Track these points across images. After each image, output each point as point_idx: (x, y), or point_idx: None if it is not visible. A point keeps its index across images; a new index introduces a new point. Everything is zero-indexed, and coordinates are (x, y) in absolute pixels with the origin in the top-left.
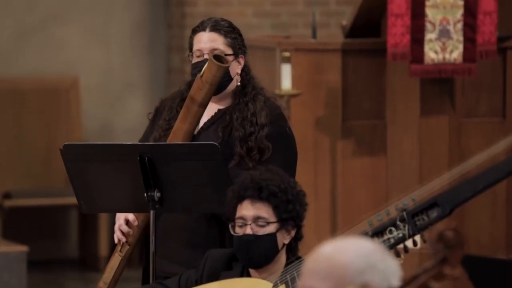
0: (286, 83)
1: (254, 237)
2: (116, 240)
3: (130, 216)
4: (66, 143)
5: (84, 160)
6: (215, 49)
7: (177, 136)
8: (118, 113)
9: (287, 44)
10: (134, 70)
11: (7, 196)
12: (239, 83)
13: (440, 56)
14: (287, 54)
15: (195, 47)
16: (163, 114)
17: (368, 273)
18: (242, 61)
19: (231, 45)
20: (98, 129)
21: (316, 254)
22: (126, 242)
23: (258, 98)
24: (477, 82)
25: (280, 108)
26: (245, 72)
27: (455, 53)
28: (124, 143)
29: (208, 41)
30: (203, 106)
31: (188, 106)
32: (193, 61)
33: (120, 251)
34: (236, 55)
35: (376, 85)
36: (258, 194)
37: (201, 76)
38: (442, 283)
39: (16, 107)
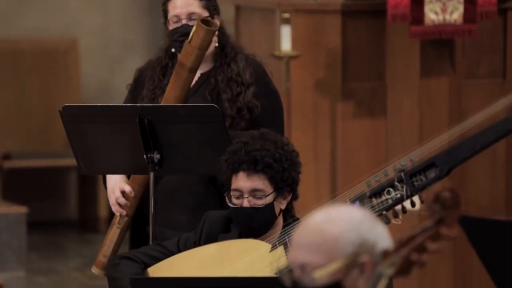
0: (285, 44)
1: (252, 210)
2: (115, 212)
3: (127, 188)
4: (65, 104)
5: (83, 122)
6: (191, 13)
7: (169, 103)
8: (117, 74)
9: (287, 5)
10: (133, 32)
11: (7, 157)
12: (217, 45)
13: (440, 17)
14: (287, 15)
15: (171, 13)
16: (145, 84)
17: (359, 244)
18: (218, 22)
19: (206, 7)
20: (98, 91)
21: (306, 226)
22: (125, 214)
23: (239, 57)
24: (477, 43)
25: (262, 65)
26: (221, 32)
27: (456, 14)
28: (123, 104)
29: (184, 6)
30: (193, 71)
31: (178, 72)
32: (170, 28)
33: (118, 223)
34: (212, 16)
35: (376, 46)
36: (254, 166)
37: (190, 41)
38: (439, 243)
39: (15, 68)
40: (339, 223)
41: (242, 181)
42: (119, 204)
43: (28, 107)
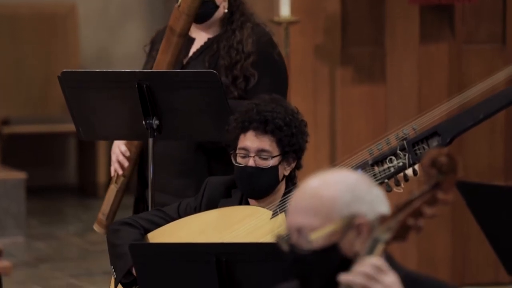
0: (285, 10)
1: (257, 170)
2: (112, 173)
3: (122, 147)
4: (64, 70)
5: (82, 88)
6: None
7: (160, 68)
8: (116, 40)
9: None
10: None
11: (6, 122)
12: (226, 10)
13: None
14: None
15: None
16: (157, 45)
17: (355, 205)
18: None
19: None
20: (96, 56)
21: (302, 190)
22: (122, 173)
23: (246, 26)
24: (477, 8)
25: (270, 35)
26: None
27: None
28: (122, 70)
29: None
30: (182, 36)
31: (168, 37)
32: None
33: (115, 182)
34: None
35: (376, 12)
36: (264, 127)
37: (179, 6)
38: (435, 208)
39: (14, 33)
40: (335, 186)
41: (250, 140)
42: (119, 164)
43: (27, 72)
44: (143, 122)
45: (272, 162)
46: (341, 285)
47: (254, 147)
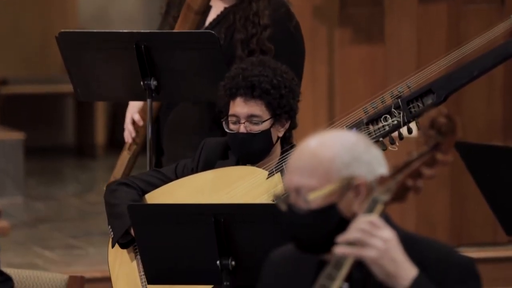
0: None
1: (248, 136)
2: (126, 139)
3: (136, 116)
4: (62, 30)
5: (80, 48)
6: None
7: None
8: (114, 0)
9: None
10: None
11: (4, 83)
12: None
13: None
14: None
15: None
16: (173, 9)
17: (353, 166)
18: None
19: None
20: (95, 17)
21: (300, 150)
22: (134, 141)
23: None
24: None
25: (286, 5)
26: None
27: None
28: (120, 31)
29: None
30: (200, 13)
31: (185, 14)
32: None
33: (128, 149)
34: None
35: None
36: (251, 92)
37: None
38: (434, 169)
39: None
40: (333, 146)
41: (239, 107)
42: (129, 132)
43: (25, 32)
44: (141, 83)
45: (263, 126)
46: (334, 257)
47: (243, 113)
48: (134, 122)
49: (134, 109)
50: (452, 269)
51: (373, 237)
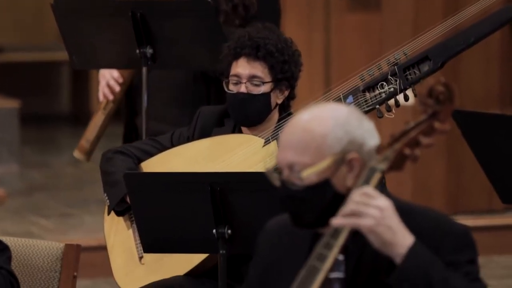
0: None
1: (248, 96)
2: (101, 98)
3: (115, 73)
4: None
5: (75, 16)
6: None
7: None
8: None
9: None
10: None
11: None
12: None
13: None
14: None
15: None
16: None
17: (346, 141)
18: None
19: None
20: None
21: (292, 125)
22: (112, 99)
23: None
24: None
25: None
26: None
27: None
28: None
29: None
30: None
31: None
32: None
33: (104, 108)
34: None
35: None
36: (255, 52)
37: None
38: (432, 137)
39: None
40: (325, 121)
41: (242, 67)
42: (109, 88)
43: (21, 0)
44: (137, 51)
45: (264, 89)
46: (331, 228)
47: (246, 73)
48: (109, 85)
49: (106, 73)
50: (447, 237)
51: (368, 207)
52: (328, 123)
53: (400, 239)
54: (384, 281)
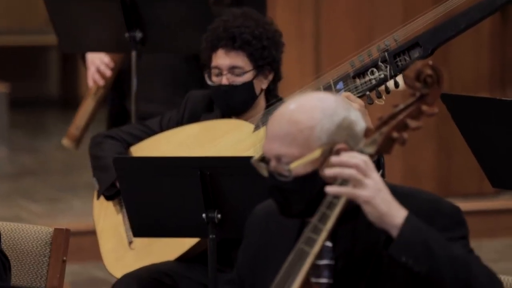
0: None
1: (231, 87)
2: (90, 83)
3: (106, 58)
4: None
5: None
6: None
7: None
8: None
9: None
10: None
11: None
12: None
13: None
14: None
15: None
16: None
17: (334, 132)
18: None
19: None
20: None
21: (279, 116)
22: (103, 85)
23: None
24: None
25: None
26: None
27: None
28: None
29: None
30: None
31: None
32: None
33: (94, 94)
34: None
35: None
36: (232, 43)
37: None
38: (420, 120)
39: None
40: (313, 113)
41: (221, 58)
42: (100, 74)
43: None
44: (126, 35)
45: (245, 78)
46: (328, 196)
47: (225, 65)
48: (99, 71)
49: (96, 59)
50: (438, 217)
51: (367, 176)
52: (315, 114)
53: (396, 211)
54: (374, 263)
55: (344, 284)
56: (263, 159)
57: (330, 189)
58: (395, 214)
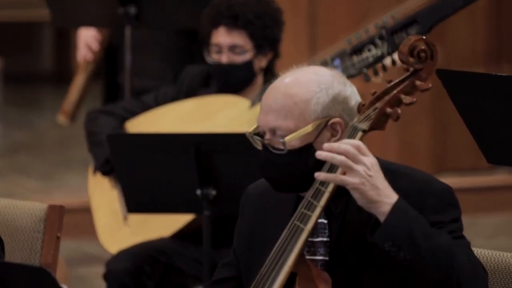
0: None
1: (231, 66)
2: (79, 59)
3: (93, 33)
4: None
5: None
6: None
7: None
8: None
9: None
10: None
11: None
12: None
13: None
14: None
15: None
16: None
17: (329, 106)
18: None
19: None
20: None
21: (275, 90)
22: (92, 59)
23: None
24: None
25: None
26: None
27: None
28: None
29: None
30: None
31: None
32: None
33: (84, 70)
34: None
35: None
36: (234, 22)
37: None
38: (413, 96)
39: None
40: (309, 86)
41: (222, 36)
42: (88, 49)
43: None
44: (120, 10)
45: (246, 57)
46: (316, 182)
47: (226, 43)
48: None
49: (83, 33)
50: (430, 197)
51: (357, 162)
52: (311, 87)
53: (384, 198)
54: (368, 241)
55: (340, 261)
56: (258, 133)
57: (318, 175)
58: (384, 200)
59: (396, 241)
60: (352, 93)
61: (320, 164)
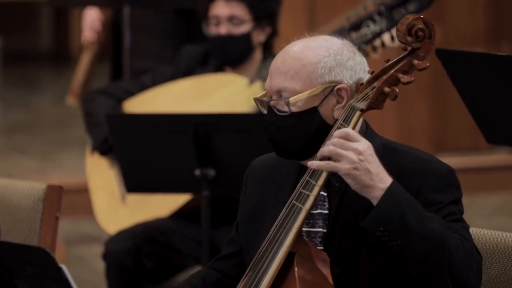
0: None
1: (229, 38)
2: (83, 39)
3: (95, 12)
4: None
5: None
6: None
7: None
8: None
9: None
10: None
11: None
12: None
13: None
14: None
15: None
16: None
17: (337, 71)
18: None
19: None
20: None
21: (284, 53)
22: (96, 40)
23: None
24: None
25: None
26: None
27: None
28: None
29: None
30: None
31: None
32: None
33: (89, 50)
34: None
35: None
36: None
37: None
38: (411, 75)
39: None
40: (317, 50)
41: (220, 7)
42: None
43: None
44: None
45: (244, 28)
46: (309, 169)
47: (224, 14)
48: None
49: (87, 14)
50: (430, 176)
51: (346, 150)
52: (320, 52)
53: (378, 182)
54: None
55: (338, 233)
56: (263, 102)
57: (311, 164)
58: (377, 185)
59: (387, 226)
60: (361, 63)
61: (323, 132)
